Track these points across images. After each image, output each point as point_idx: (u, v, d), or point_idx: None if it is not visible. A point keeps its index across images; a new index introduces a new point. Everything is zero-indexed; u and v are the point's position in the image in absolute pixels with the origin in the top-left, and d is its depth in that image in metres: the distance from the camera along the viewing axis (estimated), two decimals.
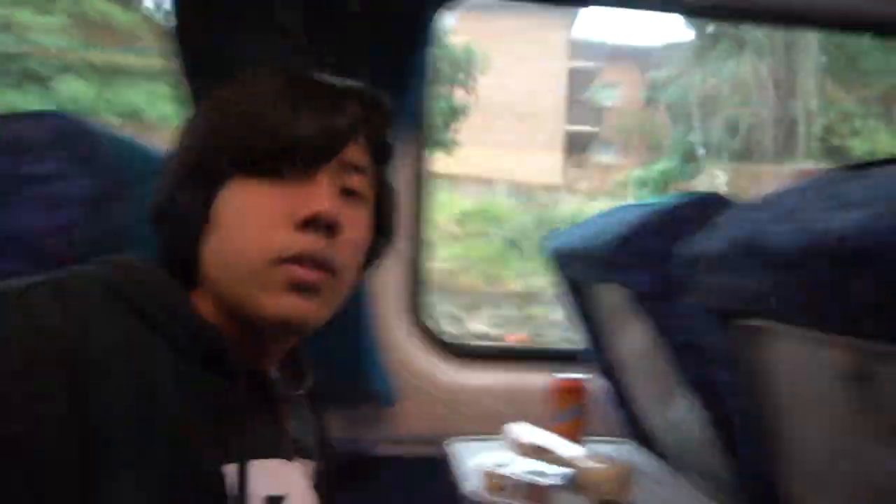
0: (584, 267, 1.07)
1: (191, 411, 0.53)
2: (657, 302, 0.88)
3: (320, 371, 1.27)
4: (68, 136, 0.85)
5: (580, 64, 11.13)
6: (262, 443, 0.60)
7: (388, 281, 1.43)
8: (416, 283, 1.47)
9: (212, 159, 0.59)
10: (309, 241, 0.57)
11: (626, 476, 1.00)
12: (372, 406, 1.37)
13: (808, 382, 0.62)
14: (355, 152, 0.61)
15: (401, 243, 1.43)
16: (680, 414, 1.16)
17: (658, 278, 0.87)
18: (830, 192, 0.55)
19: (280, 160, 0.58)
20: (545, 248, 1.26)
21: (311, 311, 0.59)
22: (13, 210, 0.84)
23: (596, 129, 10.93)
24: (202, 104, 0.64)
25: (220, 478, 0.54)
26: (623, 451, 1.29)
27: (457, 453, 1.18)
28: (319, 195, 0.58)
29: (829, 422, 0.62)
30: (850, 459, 0.62)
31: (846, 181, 0.55)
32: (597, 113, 11.16)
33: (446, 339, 1.49)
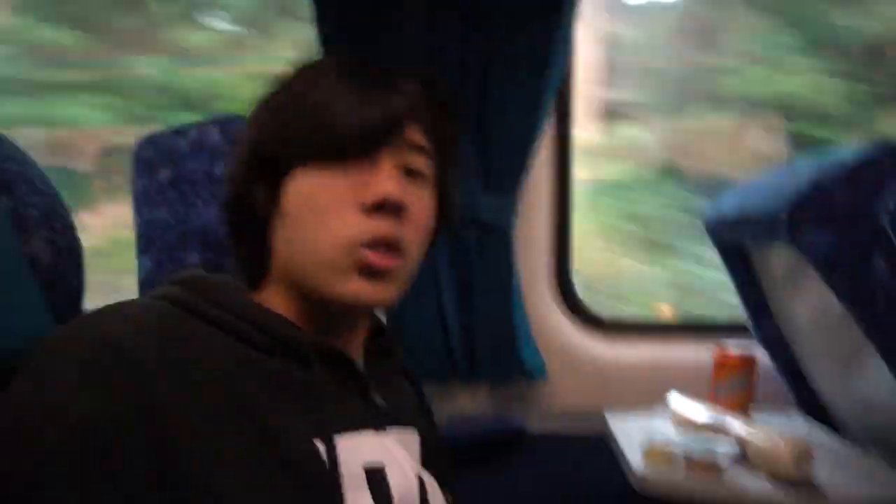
0: (751, 232, 1.00)
1: (274, 399, 0.54)
2: (849, 265, 0.81)
3: (474, 347, 1.31)
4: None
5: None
6: (350, 417, 0.60)
7: (535, 258, 1.42)
8: (562, 258, 1.46)
9: (276, 151, 0.62)
10: (379, 225, 0.59)
11: (805, 451, 0.93)
12: (523, 384, 1.38)
13: None
14: (415, 133, 0.63)
15: (546, 219, 1.42)
16: (864, 385, 1.07)
17: (851, 239, 0.80)
18: None
19: (342, 146, 0.60)
20: (704, 213, 1.20)
21: (381, 294, 0.60)
22: (200, 208, 0.92)
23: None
24: (263, 97, 0.66)
25: (313, 452, 0.54)
26: (794, 424, 1.21)
27: (614, 427, 1.16)
28: (384, 178, 0.59)
29: None
30: None
31: None
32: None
33: (596, 313, 1.46)
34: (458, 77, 1.25)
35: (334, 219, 0.59)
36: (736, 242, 1.14)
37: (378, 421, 0.63)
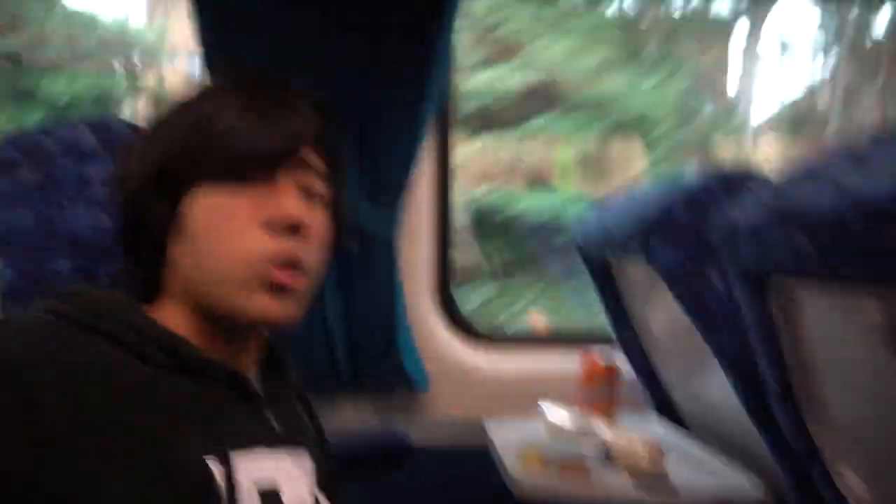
0: (611, 247, 1.10)
1: (165, 414, 0.54)
2: (688, 277, 0.92)
3: (358, 358, 1.32)
4: (121, 139, 0.89)
5: None
6: (244, 434, 0.60)
7: (418, 270, 1.46)
8: (444, 270, 1.51)
9: (177, 167, 0.61)
10: (283, 244, 0.60)
11: (658, 449, 1.03)
12: (405, 392, 1.41)
13: (845, 340, 0.65)
14: (311, 155, 0.65)
15: (429, 231, 1.47)
16: (708, 387, 1.20)
17: (689, 254, 0.90)
18: (854, 157, 0.58)
19: (243, 167, 0.60)
20: (571, 229, 1.29)
21: (287, 311, 0.62)
22: (68, 211, 0.88)
23: None
24: (159, 112, 0.66)
25: (205, 468, 0.54)
26: (652, 425, 1.32)
27: (493, 436, 1.21)
28: (285, 197, 0.61)
29: (867, 380, 0.65)
30: (890, 419, 0.66)
31: (866, 150, 0.58)
32: None
33: (475, 325, 1.53)
34: (339, 88, 1.27)
35: (237, 236, 0.59)
36: (600, 256, 1.24)
37: (272, 440, 0.63)
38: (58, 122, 0.91)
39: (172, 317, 0.62)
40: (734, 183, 0.89)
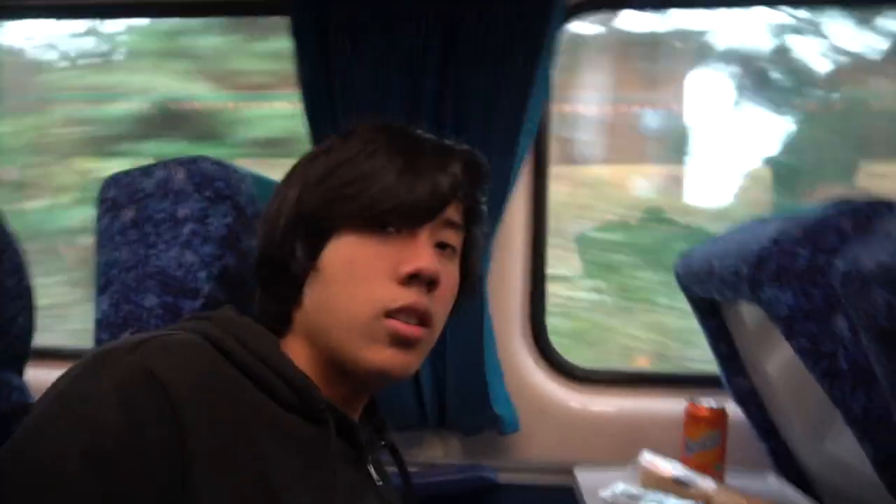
0: (718, 286, 0.99)
1: (281, 453, 0.55)
2: (804, 324, 0.80)
3: (445, 397, 1.29)
4: (209, 177, 0.92)
5: None
6: (350, 490, 0.61)
7: (509, 307, 1.41)
8: (537, 309, 1.44)
9: (323, 212, 0.63)
10: (412, 295, 0.60)
11: None
12: (496, 432, 1.35)
13: None
14: (453, 210, 0.65)
15: (521, 267, 1.42)
16: (840, 448, 1.04)
17: (802, 298, 0.79)
18: None
19: (388, 220, 0.62)
20: (675, 266, 1.19)
21: (407, 363, 0.62)
22: (159, 249, 0.92)
23: None
24: (310, 156, 0.68)
25: None
26: (769, 485, 1.17)
27: (583, 482, 1.13)
28: (421, 252, 0.62)
29: None
30: None
31: None
32: None
33: (570, 364, 1.44)
34: (434, 117, 1.27)
35: (369, 285, 0.61)
36: (707, 295, 1.12)
37: (372, 497, 0.64)
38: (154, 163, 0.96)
39: (297, 355, 0.63)
40: (863, 216, 0.77)
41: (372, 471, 0.66)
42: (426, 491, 1.36)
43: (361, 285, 0.61)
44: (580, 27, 1.44)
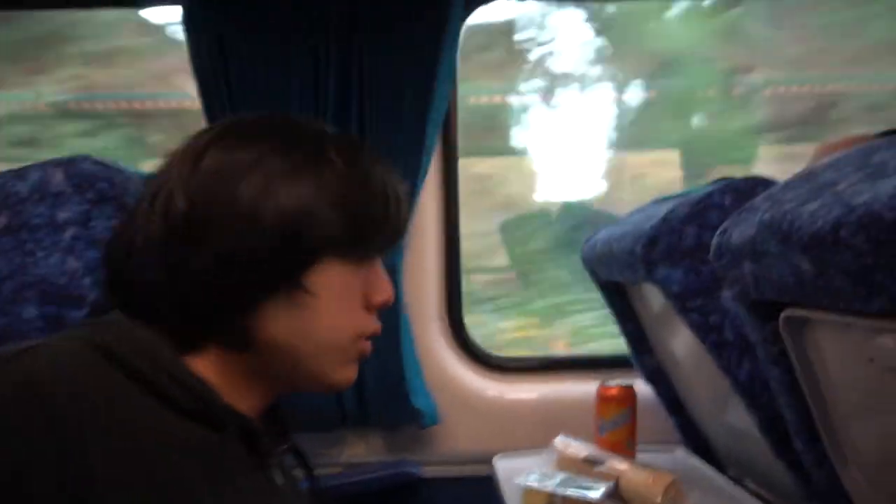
0: (618, 268, 1.02)
1: (179, 463, 0.53)
2: (694, 299, 0.83)
3: (363, 393, 1.27)
4: (91, 178, 0.87)
5: None
6: (252, 497, 0.59)
7: (425, 299, 1.41)
8: (453, 299, 1.45)
9: (311, 233, 0.58)
10: (374, 321, 0.64)
11: (674, 486, 0.94)
12: (417, 427, 1.34)
13: (858, 374, 0.56)
14: None
15: (435, 257, 1.41)
16: (737, 418, 1.09)
17: (692, 275, 0.82)
18: (866, 162, 0.50)
19: (383, 245, 0.63)
20: (581, 251, 1.22)
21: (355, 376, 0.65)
22: (38, 257, 0.86)
23: None
24: (292, 170, 0.59)
25: None
26: (677, 459, 1.22)
27: (502, 470, 1.14)
28: (385, 281, 0.64)
29: (885, 415, 0.56)
30: None
31: (882, 150, 0.50)
32: None
33: (487, 353, 1.46)
34: (340, 107, 1.25)
35: (351, 314, 0.62)
36: (610, 278, 1.16)
37: (276, 503, 0.62)
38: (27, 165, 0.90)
39: (205, 367, 0.59)
40: (742, 193, 0.81)
41: (275, 476, 0.64)
42: (350, 490, 1.35)
43: (345, 314, 0.61)
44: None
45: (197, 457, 0.54)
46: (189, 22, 1.25)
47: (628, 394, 1.17)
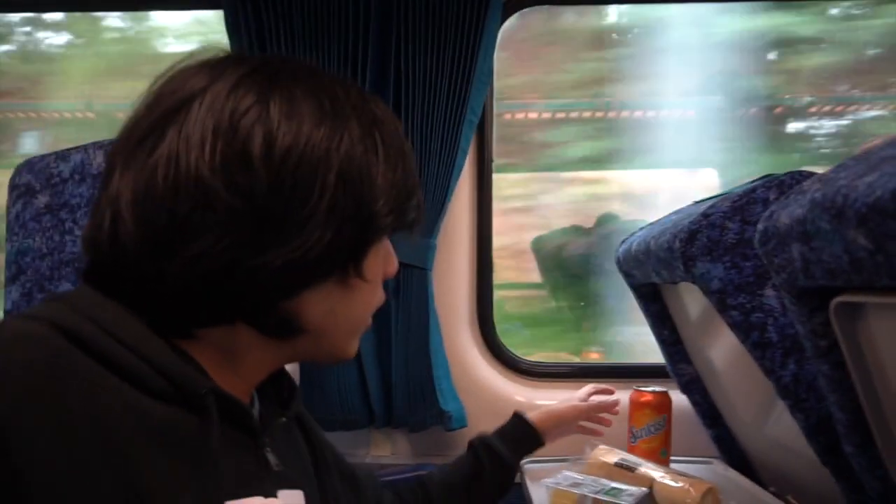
0: (655, 267, 0.99)
1: (160, 455, 0.48)
2: (735, 296, 0.80)
3: (392, 395, 1.26)
4: None
5: None
6: (241, 480, 0.55)
7: (456, 302, 1.39)
8: (484, 303, 1.43)
9: (380, 219, 0.56)
10: (383, 292, 0.63)
11: (711, 493, 0.90)
12: (443, 429, 1.32)
13: None
14: None
15: (467, 263, 1.40)
16: (779, 430, 1.05)
17: (733, 271, 0.79)
18: None
19: (411, 223, 0.61)
20: (616, 252, 1.19)
21: None
22: (76, 235, 0.88)
23: None
24: (364, 153, 0.55)
25: None
26: (715, 471, 1.17)
27: (530, 476, 1.11)
28: (393, 252, 0.63)
29: None
30: None
31: None
32: None
33: (517, 358, 1.43)
34: None
35: (378, 287, 0.62)
36: (647, 280, 1.12)
37: (269, 484, 0.58)
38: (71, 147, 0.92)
39: (204, 348, 0.55)
40: (786, 186, 0.78)
41: (269, 455, 0.59)
42: None
43: (375, 291, 0.61)
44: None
45: (177, 443, 0.50)
46: (231, 25, 1.27)
47: (664, 400, 1.13)
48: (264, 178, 0.50)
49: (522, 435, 1.06)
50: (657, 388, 1.14)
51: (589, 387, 1.18)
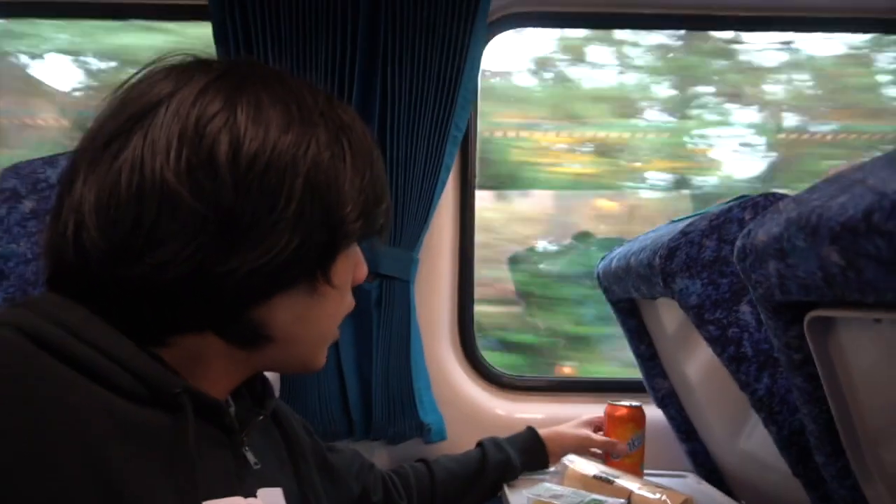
0: (635, 282, 1.02)
1: (136, 458, 0.47)
2: (712, 312, 0.83)
3: (372, 406, 1.26)
4: None
5: None
6: (220, 480, 0.54)
7: (437, 315, 1.41)
8: (465, 317, 1.44)
9: (349, 224, 0.56)
10: (352, 299, 0.63)
11: None
12: (423, 441, 1.33)
13: (888, 376, 0.55)
14: None
15: (449, 277, 1.42)
16: (753, 444, 1.08)
17: (710, 287, 0.82)
18: (895, 159, 0.51)
19: (380, 229, 0.62)
20: (596, 268, 1.22)
21: None
22: None
23: None
24: (332, 158, 0.55)
25: None
26: (689, 485, 1.19)
27: (509, 488, 1.12)
28: (362, 258, 0.63)
29: None
30: None
31: None
32: None
33: (497, 372, 1.44)
34: (360, 118, 1.26)
35: (347, 294, 0.62)
36: (626, 295, 1.15)
37: (248, 483, 0.58)
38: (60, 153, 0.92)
39: (176, 352, 0.55)
40: (760, 206, 0.81)
41: (247, 454, 0.59)
42: None
43: (344, 297, 0.61)
44: None
45: (153, 443, 0.49)
46: (219, 38, 1.28)
47: (641, 414, 1.16)
48: (230, 183, 0.50)
49: (532, 447, 1.10)
50: (633, 403, 1.17)
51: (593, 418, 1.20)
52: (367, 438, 1.30)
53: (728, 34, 1.77)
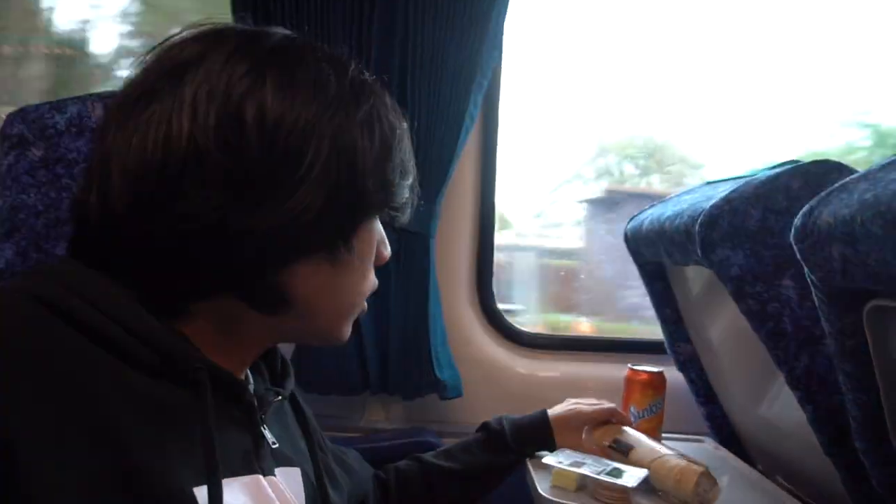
0: (668, 248, 0.98)
1: (154, 433, 0.46)
2: (753, 285, 0.79)
3: (389, 361, 1.25)
4: None
5: None
6: (239, 458, 0.54)
7: (456, 272, 1.38)
8: (484, 274, 1.41)
9: (372, 192, 0.55)
10: (374, 277, 0.63)
11: (708, 477, 0.90)
12: (439, 397, 1.32)
13: None
14: None
15: (469, 233, 1.38)
16: (773, 412, 1.06)
17: (752, 259, 0.78)
18: None
19: (403, 203, 0.61)
20: (625, 229, 1.18)
21: None
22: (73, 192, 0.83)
23: None
24: (357, 124, 0.55)
25: (191, 502, 0.46)
26: (706, 450, 1.19)
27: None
28: (385, 237, 0.62)
29: None
30: None
31: None
32: None
33: (515, 329, 1.43)
34: (380, 73, 1.20)
35: (370, 269, 0.62)
36: (654, 258, 1.12)
37: (267, 462, 0.58)
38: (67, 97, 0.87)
39: (196, 324, 0.54)
40: (812, 176, 0.76)
41: (266, 432, 0.59)
42: (368, 455, 1.33)
43: (368, 272, 0.61)
44: None
45: (172, 419, 0.48)
46: (237, 3, 1.20)
47: (662, 381, 1.14)
48: (256, 141, 0.50)
49: (533, 430, 1.05)
50: (654, 368, 1.14)
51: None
52: (383, 392, 1.30)
53: None
